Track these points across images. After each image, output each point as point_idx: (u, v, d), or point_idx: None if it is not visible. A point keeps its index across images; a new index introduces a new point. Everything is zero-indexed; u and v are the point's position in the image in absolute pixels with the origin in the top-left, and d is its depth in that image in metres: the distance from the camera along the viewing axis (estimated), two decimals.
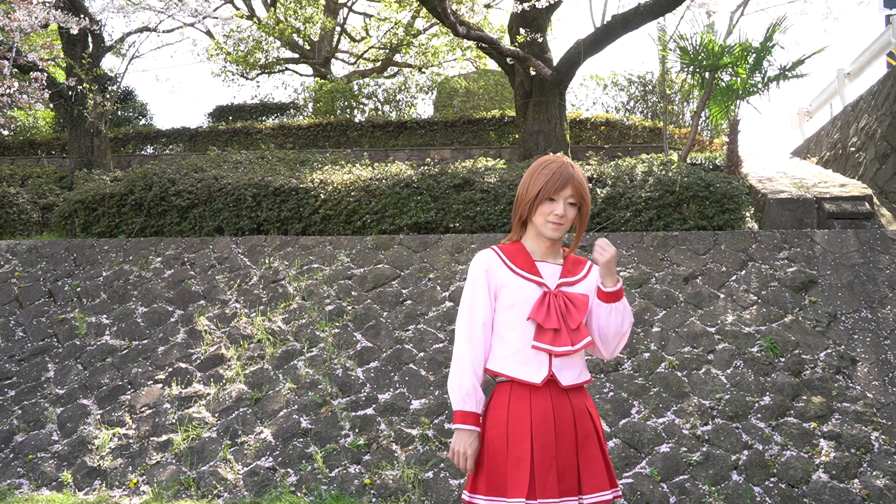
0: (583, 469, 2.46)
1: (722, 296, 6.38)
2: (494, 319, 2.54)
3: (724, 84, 8.66)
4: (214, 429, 5.72)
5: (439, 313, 6.52)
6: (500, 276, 2.54)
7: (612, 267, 2.52)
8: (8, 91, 8.83)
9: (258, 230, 8.21)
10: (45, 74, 9.66)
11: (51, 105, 13.59)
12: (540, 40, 10.11)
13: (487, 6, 14.77)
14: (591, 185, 7.78)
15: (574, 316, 2.52)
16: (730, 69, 8.56)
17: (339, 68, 22.60)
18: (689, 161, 8.82)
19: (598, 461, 2.49)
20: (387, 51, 18.50)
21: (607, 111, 13.63)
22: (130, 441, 5.71)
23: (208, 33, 17.66)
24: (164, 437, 5.67)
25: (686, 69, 9.07)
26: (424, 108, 29.76)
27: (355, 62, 19.84)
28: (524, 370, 2.48)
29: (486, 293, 2.53)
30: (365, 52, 19.61)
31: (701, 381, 5.65)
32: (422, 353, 6.16)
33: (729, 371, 5.71)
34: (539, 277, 2.55)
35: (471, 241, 7.27)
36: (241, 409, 5.85)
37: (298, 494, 5.10)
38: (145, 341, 6.65)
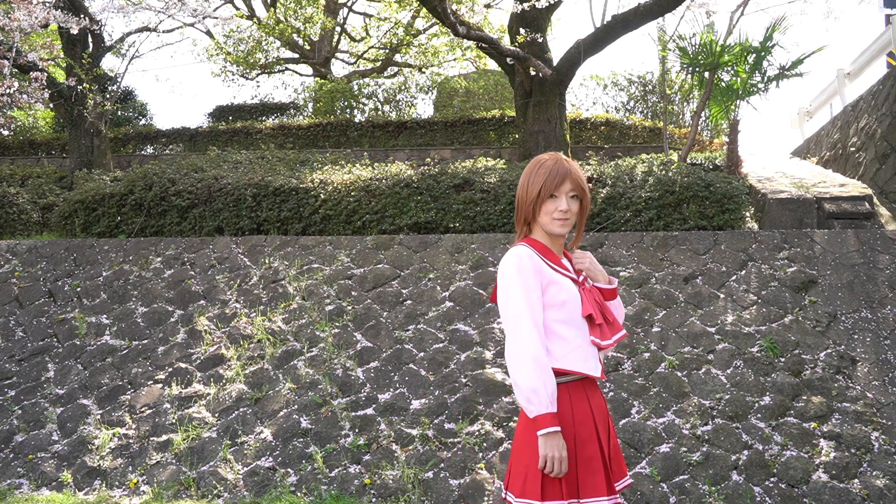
0: (612, 459, 2.54)
1: (722, 296, 6.38)
2: (544, 317, 2.50)
3: (724, 84, 8.65)
4: (214, 429, 5.72)
5: (439, 313, 6.52)
6: (545, 272, 2.51)
7: (597, 266, 2.64)
8: (8, 91, 8.82)
9: (258, 230, 8.21)
10: (45, 74, 9.66)
11: (51, 105, 13.60)
12: (540, 40, 10.11)
13: (487, 6, 14.77)
14: (591, 185, 7.78)
15: (608, 309, 2.62)
16: (730, 69, 8.56)
17: (339, 68, 22.59)
18: (689, 161, 8.82)
19: (619, 450, 2.60)
20: (387, 51, 18.50)
21: (607, 111, 13.64)
22: (130, 441, 5.71)
23: (208, 33, 17.67)
24: (164, 437, 5.67)
25: (686, 69, 9.08)
26: (424, 108, 29.78)
27: (355, 62, 19.85)
28: (585, 365, 2.51)
29: (538, 291, 2.49)
30: (365, 52, 19.61)
31: (701, 381, 5.65)
32: (422, 353, 6.16)
33: (729, 371, 5.71)
34: (571, 273, 2.60)
35: (471, 241, 7.27)
36: (241, 409, 5.85)
37: (298, 494, 5.10)
38: (145, 341, 6.65)
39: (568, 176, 2.54)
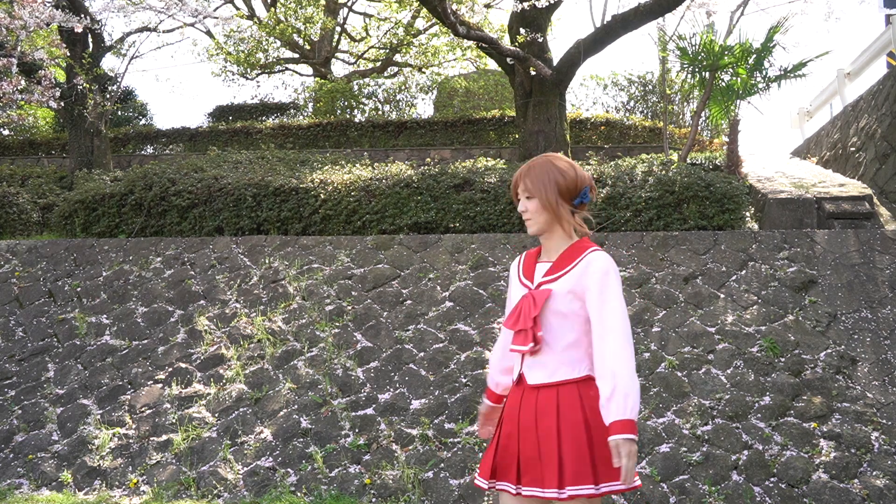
0: (544, 462, 2.46)
1: (722, 296, 6.38)
2: None
3: (724, 84, 8.65)
4: (214, 429, 5.72)
5: (439, 313, 6.52)
6: (510, 281, 2.76)
7: (616, 454, 2.32)
8: (17, 88, 8.82)
9: (258, 230, 8.21)
10: (51, 73, 9.66)
11: (60, 104, 13.61)
12: (540, 40, 10.10)
13: (487, 6, 14.75)
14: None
15: (528, 315, 2.54)
16: (730, 69, 8.55)
17: (339, 68, 22.58)
18: (689, 161, 8.82)
19: (550, 458, 2.43)
20: (387, 51, 18.50)
21: (607, 111, 13.64)
22: (130, 441, 5.71)
23: (208, 33, 17.67)
24: (164, 437, 5.67)
25: (686, 69, 9.07)
26: (424, 108, 29.74)
27: (355, 62, 19.84)
28: (514, 370, 2.70)
29: (509, 295, 2.77)
30: (365, 52, 19.61)
31: (701, 381, 5.65)
32: (422, 353, 6.16)
33: (729, 371, 5.71)
34: (529, 280, 2.64)
35: (471, 241, 7.27)
36: (241, 409, 5.85)
37: (298, 494, 5.10)
38: (145, 341, 6.65)
39: (519, 179, 2.64)
